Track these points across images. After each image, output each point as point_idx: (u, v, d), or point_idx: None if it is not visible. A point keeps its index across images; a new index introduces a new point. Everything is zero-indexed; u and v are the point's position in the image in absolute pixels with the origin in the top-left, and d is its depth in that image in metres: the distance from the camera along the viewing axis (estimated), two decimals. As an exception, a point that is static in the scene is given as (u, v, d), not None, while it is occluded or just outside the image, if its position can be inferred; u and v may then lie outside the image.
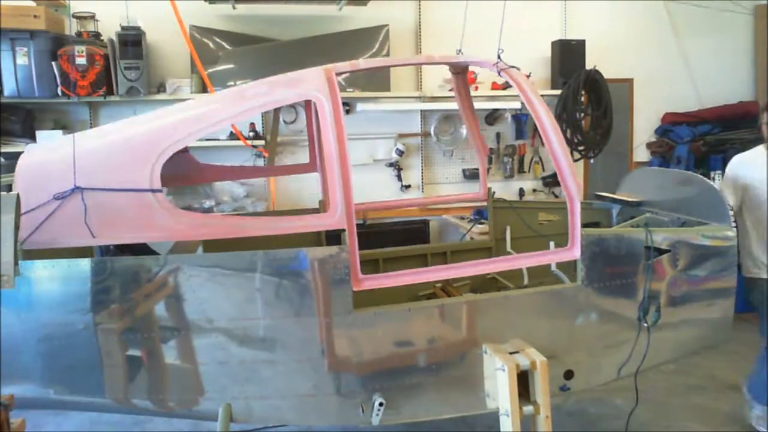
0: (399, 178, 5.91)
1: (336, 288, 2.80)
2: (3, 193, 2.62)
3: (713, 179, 6.42)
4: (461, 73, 3.97)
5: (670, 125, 6.50)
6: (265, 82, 3.03)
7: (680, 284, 3.35)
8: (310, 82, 2.88)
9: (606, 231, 3.42)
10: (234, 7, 5.44)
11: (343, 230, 2.76)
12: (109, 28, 5.18)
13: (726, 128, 6.50)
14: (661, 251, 3.25)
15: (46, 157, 2.87)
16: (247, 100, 2.91)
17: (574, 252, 3.05)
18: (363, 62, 3.66)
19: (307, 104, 3.81)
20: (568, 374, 3.20)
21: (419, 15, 5.91)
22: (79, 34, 5.13)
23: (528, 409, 2.63)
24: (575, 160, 6.06)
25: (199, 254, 3.26)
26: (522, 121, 6.14)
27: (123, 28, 5.06)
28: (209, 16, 5.52)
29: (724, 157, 6.40)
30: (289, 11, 5.63)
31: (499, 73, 3.24)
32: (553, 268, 3.45)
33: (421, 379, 3.00)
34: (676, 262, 3.31)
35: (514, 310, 3.12)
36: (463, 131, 6.02)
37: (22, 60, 4.84)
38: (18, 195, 2.65)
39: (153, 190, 2.67)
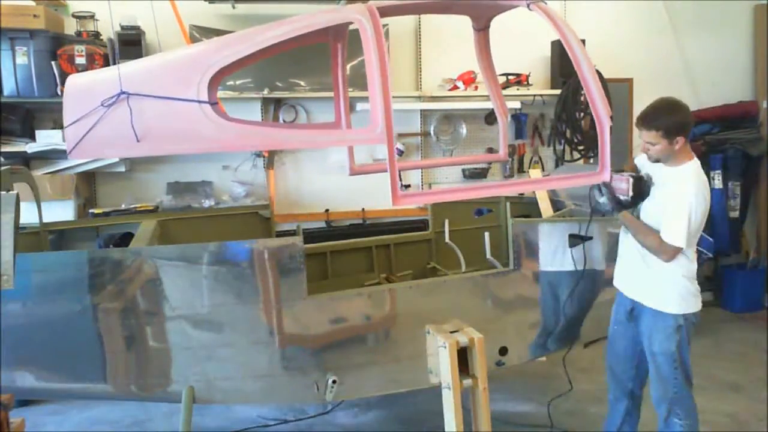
0: (399, 177, 5.90)
1: (292, 276, 3.14)
2: (3, 192, 2.62)
3: (713, 179, 6.43)
4: (483, 29, 3.91)
5: (670, 125, 6.49)
6: (307, 14, 3.13)
7: (603, 266, 3.76)
8: (351, 8, 2.99)
9: (534, 220, 3.88)
10: (234, 7, 5.44)
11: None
12: (108, 27, 5.17)
13: (726, 128, 6.49)
14: (584, 238, 3.58)
15: (93, 76, 3.04)
16: (290, 23, 2.95)
17: (603, 175, 3.15)
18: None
19: (334, 59, 3.83)
20: (503, 350, 3.56)
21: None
22: (78, 33, 5.12)
23: (467, 382, 2.81)
24: (574, 160, 6.08)
25: (168, 246, 3.49)
26: (522, 120, 6.14)
27: (123, 27, 5.06)
28: (209, 15, 5.51)
29: (723, 157, 6.40)
30: (289, 11, 5.61)
31: (528, 6, 3.16)
32: (488, 256, 3.90)
33: (369, 358, 3.35)
34: (597, 246, 3.72)
35: (453, 293, 3.50)
36: (463, 131, 6.02)
37: (21, 59, 4.83)
38: (17, 194, 2.65)
39: (200, 101, 2.70)
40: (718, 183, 6.42)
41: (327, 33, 3.47)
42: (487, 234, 3.91)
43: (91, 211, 4.99)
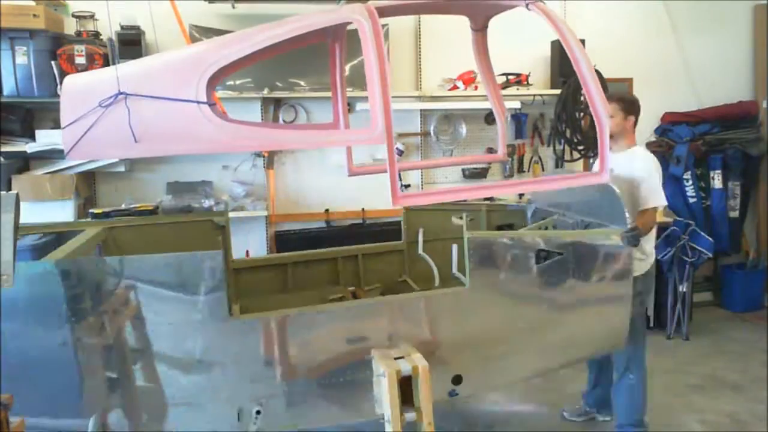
0: (399, 177, 5.90)
1: (212, 294, 2.73)
2: (3, 192, 2.62)
3: (713, 179, 6.44)
4: (481, 29, 3.91)
5: (670, 125, 6.49)
6: (306, 14, 3.07)
7: (574, 288, 3.32)
8: (349, 8, 2.92)
9: (494, 234, 3.44)
10: (234, 7, 5.44)
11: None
12: (109, 27, 5.17)
13: (725, 128, 6.49)
14: (552, 254, 3.22)
15: (91, 76, 2.93)
16: (289, 23, 2.91)
17: (603, 176, 3.05)
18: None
19: (332, 59, 3.81)
20: (457, 379, 3.14)
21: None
22: (78, 33, 5.12)
23: (410, 415, 2.59)
24: (574, 160, 6.08)
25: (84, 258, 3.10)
26: (522, 120, 6.14)
27: (122, 27, 5.06)
28: (209, 15, 5.51)
29: (723, 157, 6.41)
30: (289, 11, 5.61)
31: (527, 6, 3.17)
32: (455, 270, 3.51)
33: (303, 387, 2.93)
34: (568, 266, 3.27)
35: (403, 313, 3.09)
36: (463, 131, 6.02)
37: (21, 59, 4.83)
38: (17, 194, 2.65)
39: (198, 102, 2.67)
40: (718, 183, 6.42)
41: (325, 33, 3.46)
42: (455, 246, 3.50)
43: (91, 211, 4.98)
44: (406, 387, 2.57)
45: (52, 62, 4.85)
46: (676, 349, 5.44)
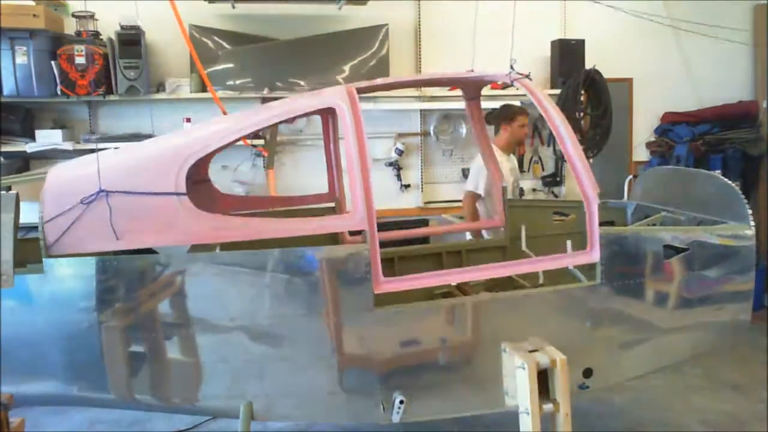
0: (398, 177, 5.90)
1: (358, 286, 2.85)
2: (3, 192, 2.62)
3: (713, 179, 6.43)
4: (475, 98, 3.98)
5: (670, 125, 6.49)
6: (289, 97, 3.16)
7: (696, 285, 3.37)
8: (331, 93, 3.01)
9: (625, 229, 3.46)
10: (233, 7, 5.43)
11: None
12: (108, 27, 5.18)
13: (725, 128, 6.49)
14: (679, 250, 3.27)
15: (73, 170, 3.00)
16: (270, 110, 3.01)
17: (593, 255, 3.08)
18: (381, 80, 3.84)
19: (325, 129, 3.97)
20: (587, 372, 3.23)
21: (419, 15, 5.90)
22: (78, 33, 5.12)
23: (548, 407, 2.63)
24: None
25: (218, 253, 3.21)
26: (522, 120, 6.14)
27: (122, 27, 5.06)
28: (209, 15, 5.51)
29: (723, 157, 6.40)
30: (289, 11, 5.62)
31: (512, 83, 3.26)
32: (570, 266, 3.48)
33: (441, 378, 3.05)
34: (692, 262, 3.32)
35: (534, 308, 3.18)
36: (463, 130, 6.02)
37: (21, 59, 4.84)
38: (17, 194, 2.66)
39: (177, 194, 2.72)
40: (718, 183, 6.41)
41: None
42: (569, 242, 3.46)
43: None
44: (540, 379, 2.62)
45: (53, 62, 4.86)
46: (676, 349, 5.43)
